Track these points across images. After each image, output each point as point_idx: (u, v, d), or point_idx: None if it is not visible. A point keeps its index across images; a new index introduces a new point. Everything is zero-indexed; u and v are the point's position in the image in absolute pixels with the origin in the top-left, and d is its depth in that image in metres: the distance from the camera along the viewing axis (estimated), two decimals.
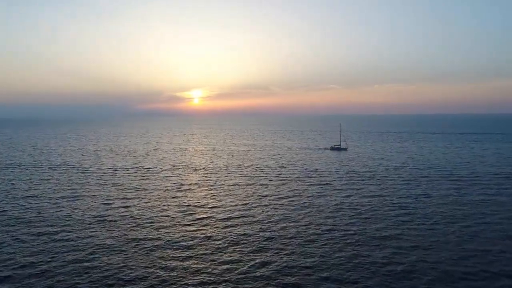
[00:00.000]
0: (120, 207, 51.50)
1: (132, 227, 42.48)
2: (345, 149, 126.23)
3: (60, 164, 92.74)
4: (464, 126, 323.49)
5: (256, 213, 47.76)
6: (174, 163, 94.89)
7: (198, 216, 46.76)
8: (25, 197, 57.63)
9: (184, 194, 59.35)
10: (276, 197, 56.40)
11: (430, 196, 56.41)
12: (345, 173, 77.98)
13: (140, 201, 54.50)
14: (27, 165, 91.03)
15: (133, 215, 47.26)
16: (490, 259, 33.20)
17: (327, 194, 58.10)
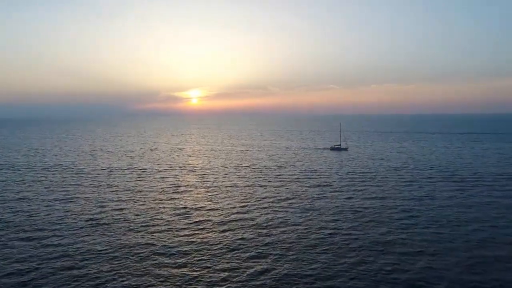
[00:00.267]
0: (114, 209, 49.79)
1: (126, 232, 40.77)
2: (346, 149, 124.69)
3: (55, 165, 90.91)
4: (463, 126, 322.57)
5: (255, 216, 46.12)
6: (171, 164, 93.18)
7: (194, 220, 45.08)
8: (17, 199, 55.83)
9: (180, 196, 57.66)
10: (275, 199, 54.76)
11: (433, 198, 54.88)
12: (346, 174, 76.41)
13: (135, 204, 52.79)
14: (21, 166, 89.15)
15: (127, 219, 45.56)
16: (502, 267, 31.60)
17: (328, 196, 56.51)
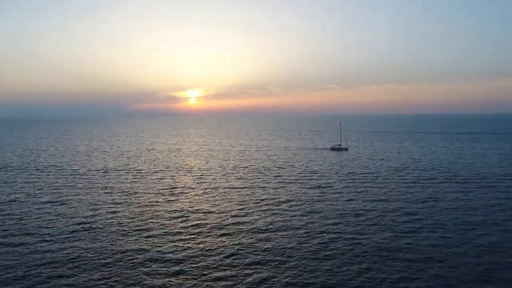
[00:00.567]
0: (108, 212, 48.00)
1: (119, 236, 39.00)
2: (346, 149, 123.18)
3: (49, 166, 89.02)
4: (463, 126, 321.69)
5: (254, 220, 44.40)
6: (168, 164, 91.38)
7: (190, 223, 43.33)
8: (7, 202, 53.98)
9: (176, 198, 55.89)
10: (274, 201, 53.06)
11: (437, 200, 53.28)
12: (347, 174, 74.76)
13: (129, 206, 51.02)
14: (15, 167, 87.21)
15: (120, 222, 43.79)
16: None
17: (329, 198, 54.83)
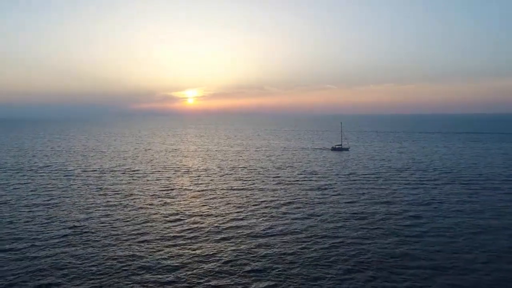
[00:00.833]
0: (101, 215, 46.13)
1: (111, 241, 37.16)
2: (347, 149, 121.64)
3: (43, 166, 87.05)
4: (463, 126, 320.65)
5: (253, 224, 42.61)
6: (164, 165, 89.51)
7: (186, 227, 41.51)
8: None
9: (172, 200, 54.05)
10: (274, 204, 51.28)
11: (442, 202, 51.60)
12: (348, 175, 73.00)
13: (123, 209, 49.16)
14: (8, 167, 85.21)
15: (114, 226, 41.93)
16: None
17: (330, 200, 53.08)
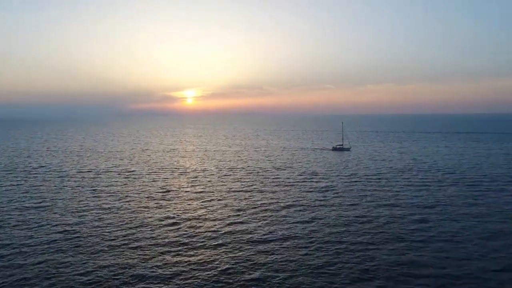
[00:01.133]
0: (94, 219, 44.21)
1: (103, 248, 35.27)
2: (348, 150, 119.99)
3: (38, 167, 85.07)
4: (463, 126, 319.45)
5: (251, 228, 40.76)
6: (162, 166, 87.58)
7: (182, 232, 39.63)
8: None
9: (168, 203, 52.14)
10: (274, 207, 49.41)
11: (447, 205, 49.84)
12: (350, 176, 71.12)
13: (117, 212, 47.26)
14: (1, 168, 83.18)
15: (106, 231, 40.03)
16: None
17: (332, 203, 51.25)
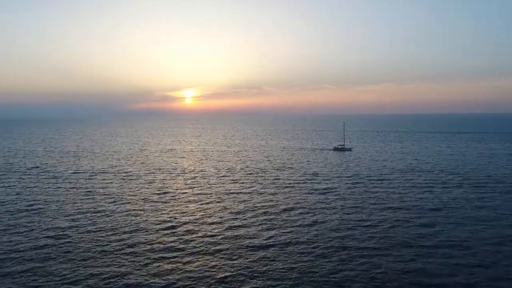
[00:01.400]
0: (87, 223, 42.45)
1: (95, 254, 33.51)
2: (350, 150, 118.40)
3: (32, 167, 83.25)
4: (464, 126, 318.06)
5: (251, 233, 39.03)
6: (159, 166, 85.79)
7: (179, 237, 37.87)
8: None
9: (165, 206, 50.37)
10: (274, 210, 47.67)
11: (454, 208, 48.18)
12: (352, 177, 69.35)
13: (112, 215, 45.49)
14: None
15: (99, 236, 38.26)
16: None
17: (335, 206, 49.53)
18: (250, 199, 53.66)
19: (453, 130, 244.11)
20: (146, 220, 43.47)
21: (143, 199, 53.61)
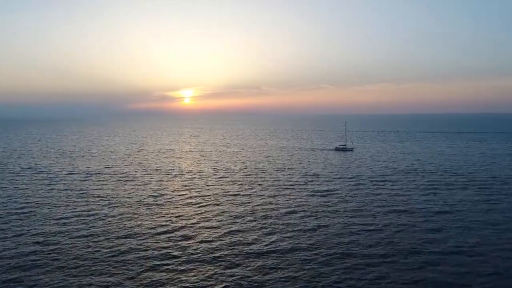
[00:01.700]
0: (78, 228, 40.52)
1: (84, 262, 31.63)
2: (351, 150, 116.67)
3: (27, 168, 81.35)
4: (464, 126, 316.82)
5: (250, 239, 37.22)
6: (156, 167, 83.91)
7: (174, 243, 36.04)
8: None
9: (161, 209, 48.50)
10: (274, 214, 45.85)
11: (461, 211, 46.41)
12: (354, 179, 67.55)
13: (105, 218, 43.62)
14: None
15: (91, 241, 36.39)
16: None
17: (337, 209, 47.72)
18: (249, 201, 51.85)
19: (454, 130, 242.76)
20: (141, 225, 41.63)
21: (138, 202, 51.76)
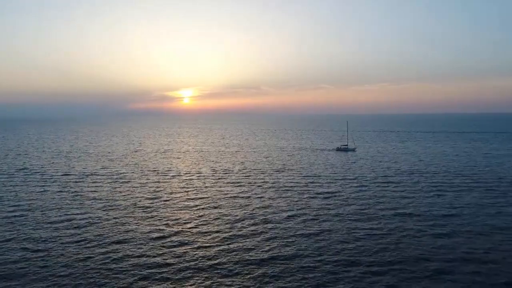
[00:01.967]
0: (70, 234, 38.71)
1: (72, 271, 29.82)
2: (353, 150, 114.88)
3: (20, 169, 79.45)
4: (464, 126, 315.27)
5: (250, 245, 35.42)
6: (154, 168, 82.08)
7: (169, 250, 34.25)
8: None
9: (157, 212, 46.66)
10: (274, 217, 44.05)
11: (470, 215, 44.61)
12: (356, 180, 65.76)
13: (99, 222, 41.78)
14: None
15: (82, 248, 34.60)
16: None
17: (340, 213, 45.92)
18: (249, 204, 50.06)
19: (454, 130, 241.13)
20: (136, 229, 39.81)
21: (133, 204, 49.94)
